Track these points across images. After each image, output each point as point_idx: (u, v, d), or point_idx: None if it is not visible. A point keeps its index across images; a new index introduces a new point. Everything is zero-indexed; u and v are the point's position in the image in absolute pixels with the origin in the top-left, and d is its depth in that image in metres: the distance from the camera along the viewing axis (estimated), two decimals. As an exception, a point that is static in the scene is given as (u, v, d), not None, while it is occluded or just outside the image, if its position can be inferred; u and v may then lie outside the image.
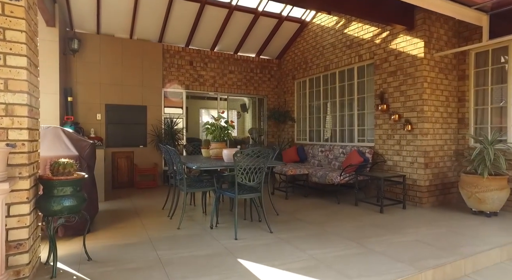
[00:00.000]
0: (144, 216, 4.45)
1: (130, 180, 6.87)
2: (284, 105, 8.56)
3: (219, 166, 3.63)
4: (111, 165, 6.66)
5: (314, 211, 4.74)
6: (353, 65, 6.36)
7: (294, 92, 8.25)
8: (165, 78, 7.26)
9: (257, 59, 8.45)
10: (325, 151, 6.62)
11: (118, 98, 6.73)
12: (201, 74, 7.69)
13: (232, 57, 8.09)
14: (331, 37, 6.89)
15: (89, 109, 6.44)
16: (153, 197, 5.76)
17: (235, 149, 4.04)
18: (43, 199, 2.49)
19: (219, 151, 4.44)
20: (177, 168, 4.00)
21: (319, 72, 7.27)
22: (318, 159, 6.72)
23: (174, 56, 7.38)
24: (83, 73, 6.37)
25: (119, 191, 6.37)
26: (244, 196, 3.67)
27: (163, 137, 7.05)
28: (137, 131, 6.93)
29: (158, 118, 7.14)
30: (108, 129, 6.63)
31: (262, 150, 3.55)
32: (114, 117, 6.70)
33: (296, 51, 8.08)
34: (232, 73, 8.08)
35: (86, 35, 6.41)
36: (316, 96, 7.55)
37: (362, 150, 5.66)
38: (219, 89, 7.93)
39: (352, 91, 6.49)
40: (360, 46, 6.10)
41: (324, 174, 5.48)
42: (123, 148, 6.79)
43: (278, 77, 8.75)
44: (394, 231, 3.75)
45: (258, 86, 8.47)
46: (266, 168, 3.69)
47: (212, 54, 7.83)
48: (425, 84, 4.88)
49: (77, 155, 3.25)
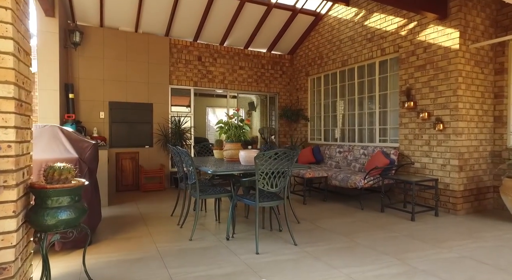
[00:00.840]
0: (152, 224, 4.04)
1: (136, 183, 6.47)
2: (297, 103, 8.13)
3: (238, 170, 3.21)
4: (115, 166, 6.27)
5: (338, 219, 4.30)
6: (375, 60, 5.91)
7: (308, 89, 7.81)
8: (172, 74, 6.86)
9: (269, 55, 8.02)
10: (343, 152, 6.18)
11: (123, 95, 6.33)
12: (210, 70, 7.28)
13: (242, 52, 7.66)
14: (349, 30, 6.44)
15: (91, 107, 6.05)
16: (161, 202, 5.36)
17: (253, 151, 3.63)
18: (34, 212, 2.09)
19: (235, 153, 4.03)
20: (189, 171, 3.58)
21: (336, 67, 6.82)
22: (336, 161, 6.28)
23: (182, 51, 6.97)
24: (86, 68, 5.98)
25: (123, 195, 5.97)
26: (265, 204, 3.25)
27: (170, 137, 6.64)
28: (142, 130, 6.54)
29: (164, 117, 6.74)
30: (112, 128, 6.24)
31: (287, 152, 3.12)
32: (118, 116, 6.30)
33: (310, 46, 7.64)
34: (242, 69, 7.66)
35: (88, 28, 6.01)
36: (332, 94, 7.11)
37: (387, 151, 5.21)
38: (229, 86, 7.51)
39: (372, 87, 6.05)
40: (382, 39, 5.65)
41: (345, 177, 5.05)
42: (128, 149, 6.40)
43: (290, 74, 8.31)
44: (434, 244, 3.31)
45: (270, 83, 8.04)
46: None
47: (222, 49, 7.42)
48: (459, 78, 4.43)
49: (77, 157, 2.85)
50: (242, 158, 3.60)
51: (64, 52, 5.37)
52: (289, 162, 3.20)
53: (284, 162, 3.17)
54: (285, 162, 3.18)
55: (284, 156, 3.13)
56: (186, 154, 3.49)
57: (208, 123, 12.18)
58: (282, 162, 3.16)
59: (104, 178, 4.92)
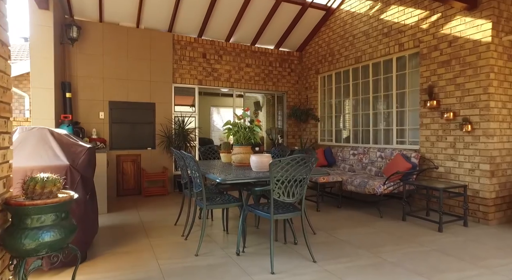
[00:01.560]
0: (154, 235, 3.69)
1: (137, 187, 6.13)
2: (306, 103, 7.75)
3: (250, 178, 2.85)
4: (116, 169, 5.93)
5: (357, 229, 3.93)
6: (392, 56, 5.51)
7: (318, 88, 7.43)
8: (175, 72, 6.50)
9: (276, 52, 7.64)
10: (358, 154, 5.79)
11: (123, 94, 5.99)
12: (215, 68, 6.92)
13: (249, 49, 7.29)
14: (363, 24, 6.05)
15: (90, 106, 5.71)
16: (164, 208, 5.01)
17: (266, 155, 3.26)
18: (9, 233, 1.74)
19: (244, 157, 3.67)
20: (195, 178, 3.22)
21: (348, 65, 6.43)
22: (350, 163, 5.90)
23: (186, 47, 6.61)
24: (84, 65, 5.64)
25: (124, 200, 5.63)
26: (281, 216, 2.88)
27: (173, 139, 6.29)
28: (144, 131, 6.19)
29: (167, 117, 6.39)
30: (112, 129, 5.90)
31: (305, 157, 2.75)
32: (119, 116, 5.96)
33: (320, 42, 7.26)
34: (249, 66, 7.29)
35: (87, 23, 5.67)
36: (344, 92, 6.72)
37: (407, 154, 4.82)
38: (235, 84, 7.14)
39: (389, 85, 5.65)
40: (401, 33, 5.25)
41: (362, 182, 4.66)
42: (129, 151, 6.06)
43: (299, 72, 7.93)
44: (473, 262, 2.93)
45: (278, 81, 7.66)
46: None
47: (228, 45, 7.05)
48: (491, 75, 4.03)
49: (68, 164, 2.50)
50: (254, 164, 3.24)
51: (61, 48, 5.03)
52: (307, 168, 2.84)
53: (302, 169, 2.81)
54: (303, 169, 2.81)
55: (302, 162, 2.76)
56: (191, 159, 3.13)
57: (213, 123, 11.85)
58: (300, 169, 2.79)
59: (103, 183, 4.58)
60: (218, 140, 12.13)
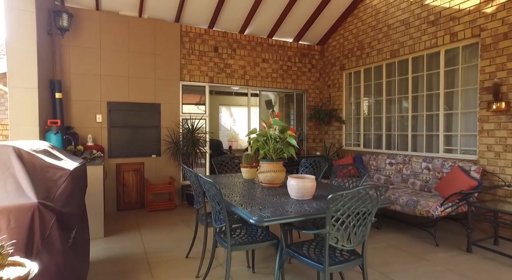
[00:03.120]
0: (160, 271, 2.91)
1: (140, 200, 5.35)
2: (329, 102, 6.92)
3: (296, 217, 2.04)
4: (116, 180, 5.16)
5: (413, 264, 3.11)
6: (439, 48, 4.66)
7: (343, 86, 6.60)
8: (183, 68, 5.70)
9: (296, 45, 6.81)
10: (396, 163, 4.96)
11: (124, 94, 5.20)
12: (228, 63, 6.10)
13: (265, 42, 6.47)
14: (401, 12, 5.19)
15: (86, 108, 4.93)
16: (172, 228, 4.23)
17: (309, 179, 2.46)
18: None
19: (275, 177, 2.87)
20: (216, 211, 2.43)
21: (382, 59, 5.59)
22: (386, 174, 5.07)
23: (195, 40, 5.80)
24: (78, 61, 4.85)
25: (125, 216, 4.86)
26: (338, 267, 2.07)
27: (181, 145, 5.50)
28: (148, 136, 5.40)
29: (174, 120, 5.59)
30: (111, 134, 5.12)
31: (376, 188, 1.95)
32: (119, 119, 5.17)
33: (346, 34, 6.41)
34: (265, 62, 6.47)
35: (81, 11, 4.87)
36: (375, 91, 5.88)
37: (464, 167, 3.99)
38: (250, 82, 6.32)
39: (433, 83, 4.81)
40: (453, 21, 4.40)
41: (411, 200, 3.85)
42: (131, 159, 5.28)
43: (321, 68, 7.09)
44: None
45: (297, 78, 6.83)
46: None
47: (242, 38, 6.23)
48: None
49: (36, 203, 1.70)
50: (294, 190, 2.43)
51: (48, 39, 4.24)
52: (375, 201, 2.03)
53: (369, 203, 2.00)
54: (369, 203, 2.00)
55: (371, 194, 1.96)
56: (212, 186, 2.33)
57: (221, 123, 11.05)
58: (367, 203, 1.98)
59: (98, 201, 3.81)
60: (227, 141, 11.36)
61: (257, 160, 3.40)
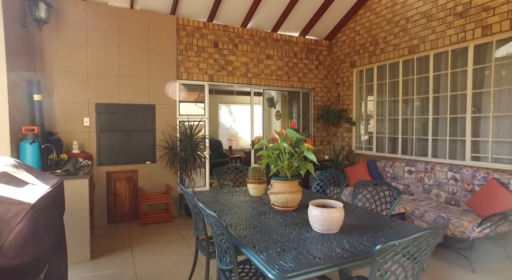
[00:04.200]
0: (153, 316, 2.43)
1: (134, 211, 4.87)
2: (337, 102, 6.42)
3: (329, 266, 1.55)
4: (106, 190, 4.66)
5: (453, 300, 2.65)
6: (467, 43, 4.16)
7: (353, 85, 6.10)
8: (180, 65, 5.18)
9: (302, 40, 6.28)
10: (416, 172, 4.48)
11: (114, 94, 4.68)
12: (230, 60, 5.58)
13: (270, 37, 5.94)
14: (422, 3, 4.68)
15: (71, 111, 4.41)
16: (169, 247, 3.74)
17: (336, 207, 1.97)
18: None
19: (290, 199, 2.39)
20: (221, 249, 1.94)
21: (398, 56, 5.08)
22: (405, 183, 4.60)
23: (193, 34, 5.27)
24: (61, 57, 4.32)
25: (117, 230, 4.37)
26: None
27: (178, 150, 5.00)
28: (142, 141, 4.90)
29: (171, 123, 5.08)
30: (100, 139, 4.61)
31: (436, 232, 1.46)
32: (109, 122, 4.66)
33: (357, 28, 5.89)
34: (270, 58, 5.95)
35: (63, 1, 4.33)
36: (390, 90, 5.38)
37: (502, 180, 3.51)
38: (253, 80, 5.81)
39: (459, 83, 4.32)
40: (487, 12, 3.89)
41: (440, 218, 3.37)
42: (123, 166, 4.78)
43: (328, 65, 6.58)
44: None
45: (304, 76, 6.32)
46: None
47: (244, 32, 5.70)
48: None
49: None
50: (319, 222, 1.94)
51: (23, 32, 3.71)
52: (431, 246, 1.54)
53: (424, 250, 1.51)
54: (425, 250, 1.52)
55: (429, 240, 1.47)
56: (216, 221, 1.84)
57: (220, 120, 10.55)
58: (422, 251, 1.50)
59: (82, 220, 3.31)
60: (226, 140, 10.86)
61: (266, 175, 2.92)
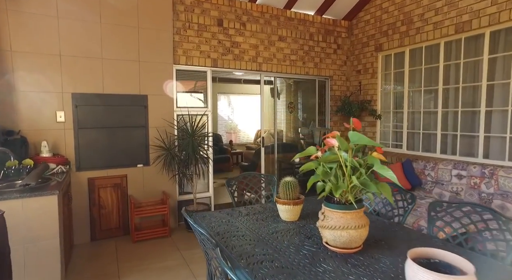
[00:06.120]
0: None
1: (124, 224, 4.01)
2: (358, 92, 5.57)
3: None
4: (88, 200, 3.79)
5: None
6: (539, 18, 3.33)
7: (378, 72, 5.25)
8: (177, 47, 4.26)
9: (319, 20, 5.39)
10: (469, 176, 3.68)
11: (96, 82, 3.77)
12: (237, 42, 4.67)
13: (283, 15, 5.04)
14: (475, -31, 3.82)
15: (40, 103, 3.49)
16: (168, 276, 2.91)
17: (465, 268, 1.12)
18: None
19: (356, 237, 1.58)
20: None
21: (440, 36, 4.24)
22: (452, 190, 3.80)
23: (193, 9, 4.35)
24: (24, 34, 3.38)
25: (102, 250, 3.51)
26: None
27: (176, 150, 4.12)
28: (132, 140, 4.01)
29: (167, 117, 4.19)
30: (79, 138, 3.71)
31: None
32: (90, 117, 3.76)
33: (384, 5, 5.01)
34: (282, 40, 5.06)
35: (29, -37, 3.37)
36: (425, 78, 4.55)
37: None
38: (264, 66, 4.92)
39: (526, 67, 3.50)
40: None
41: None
42: (109, 170, 3.89)
43: (348, 49, 5.71)
44: None
45: (320, 61, 5.45)
46: None
47: (253, 8, 4.79)
48: None
49: None
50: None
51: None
52: None
53: None
54: None
55: None
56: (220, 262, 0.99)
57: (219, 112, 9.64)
58: None
59: (51, 250, 2.45)
60: (225, 133, 9.99)
61: (303, 190, 2.10)
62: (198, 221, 2.14)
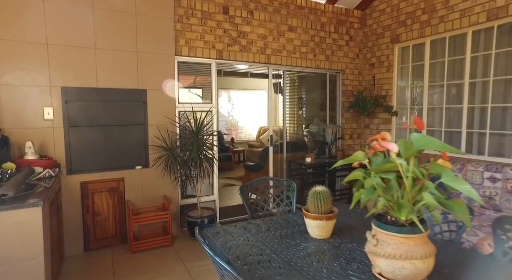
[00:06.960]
0: None
1: (120, 233, 3.63)
2: (372, 87, 5.20)
3: None
4: (81, 206, 3.40)
5: None
6: None
7: (394, 65, 4.88)
8: (179, 36, 3.86)
9: (331, 9, 5.00)
10: (505, 180, 3.33)
11: (89, 75, 3.36)
12: (243, 32, 4.28)
13: (292, 3, 4.64)
14: (510, -50, 3.44)
15: (24, 99, 3.09)
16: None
17: None
18: None
19: (422, 269, 1.22)
20: None
21: (467, 25, 3.87)
22: (485, 194, 3.45)
23: (196, -5, 3.95)
24: (4, 20, 2.97)
25: (96, 263, 3.13)
26: None
27: (179, 150, 3.73)
28: (129, 139, 3.62)
29: (168, 114, 3.80)
30: (70, 137, 3.31)
31: None
32: (82, 114, 3.36)
33: (403, -8, 4.64)
34: (292, 30, 4.67)
35: None
36: (448, 72, 4.19)
37: None
38: (273, 58, 4.53)
39: None
40: None
41: None
42: (104, 173, 3.50)
43: (360, 41, 5.33)
44: None
45: (332, 54, 5.07)
46: None
47: (262, -5, 4.39)
48: None
49: None
50: None
51: None
52: None
53: None
54: None
55: None
56: None
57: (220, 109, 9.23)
58: None
59: (35, 270, 2.07)
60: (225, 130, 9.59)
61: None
62: (211, 240, 1.77)
